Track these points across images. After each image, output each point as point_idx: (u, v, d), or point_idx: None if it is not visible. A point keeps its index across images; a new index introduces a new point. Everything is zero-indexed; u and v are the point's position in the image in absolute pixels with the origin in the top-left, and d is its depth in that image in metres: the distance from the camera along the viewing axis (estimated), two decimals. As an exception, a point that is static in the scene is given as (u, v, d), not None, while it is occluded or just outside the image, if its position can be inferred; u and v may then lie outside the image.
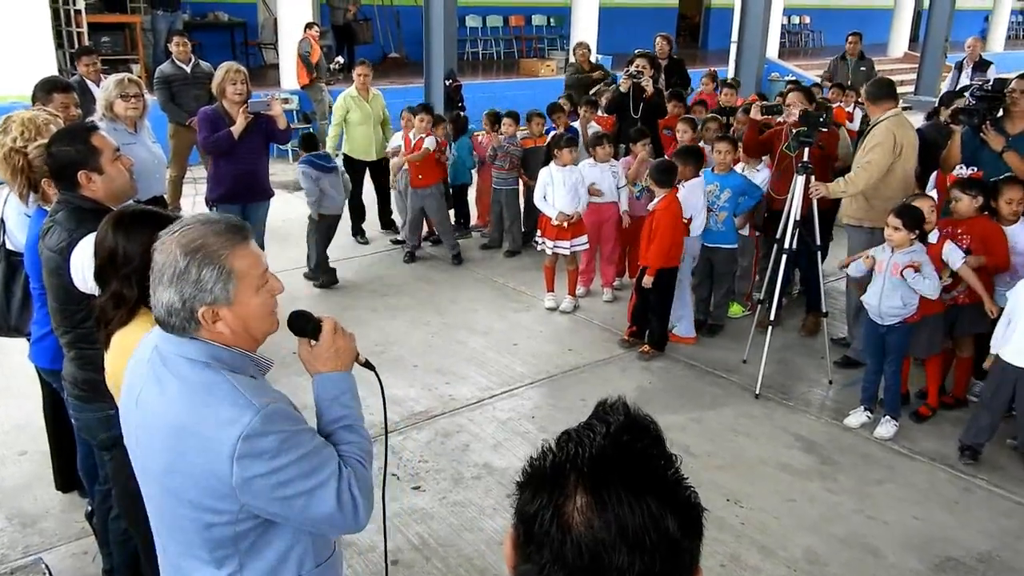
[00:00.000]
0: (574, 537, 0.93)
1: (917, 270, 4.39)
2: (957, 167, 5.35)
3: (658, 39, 9.59)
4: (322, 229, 6.78)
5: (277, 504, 1.66)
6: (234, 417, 1.62)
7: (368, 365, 2.02)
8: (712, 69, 10.16)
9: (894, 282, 4.50)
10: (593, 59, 10.95)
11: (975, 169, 5.20)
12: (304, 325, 1.91)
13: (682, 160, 5.72)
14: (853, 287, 5.46)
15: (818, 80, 11.73)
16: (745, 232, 6.20)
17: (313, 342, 1.90)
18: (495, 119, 7.66)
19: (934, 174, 5.76)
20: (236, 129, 5.60)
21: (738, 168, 6.12)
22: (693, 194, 5.68)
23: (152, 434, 1.72)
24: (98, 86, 6.22)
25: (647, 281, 5.45)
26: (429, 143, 7.07)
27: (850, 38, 10.63)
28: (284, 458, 1.64)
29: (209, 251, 1.68)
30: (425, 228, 7.79)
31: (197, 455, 1.64)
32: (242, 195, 5.79)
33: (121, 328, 2.27)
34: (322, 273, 6.84)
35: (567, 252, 6.31)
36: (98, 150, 2.83)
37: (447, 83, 10.89)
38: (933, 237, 4.69)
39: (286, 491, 1.65)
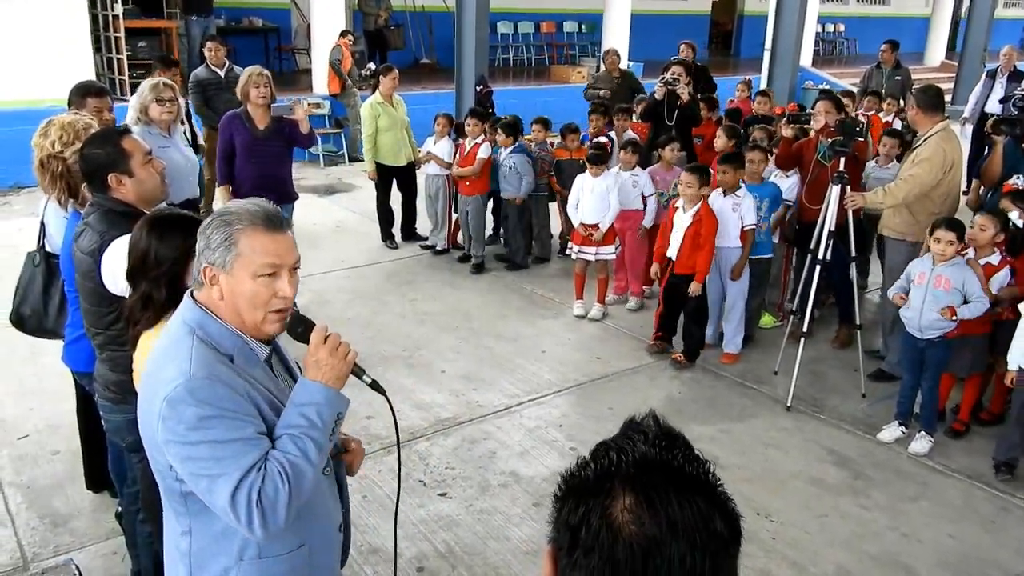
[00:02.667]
0: (625, 537, 0.93)
1: (965, 301, 4.37)
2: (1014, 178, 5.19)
3: (682, 46, 9.56)
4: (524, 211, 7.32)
5: (187, 476, 1.74)
6: (170, 378, 1.74)
7: (376, 387, 1.99)
8: (747, 78, 10.09)
9: (936, 294, 4.42)
10: (623, 66, 10.90)
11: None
12: (295, 327, 1.92)
13: (734, 166, 5.65)
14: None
15: (852, 89, 11.60)
16: (776, 239, 6.13)
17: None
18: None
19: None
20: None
21: (767, 176, 6.06)
22: (717, 203, 5.60)
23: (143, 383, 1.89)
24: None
25: (695, 288, 5.39)
26: (484, 151, 7.13)
27: (884, 47, 10.49)
28: (197, 435, 1.70)
29: (228, 219, 1.83)
30: (445, 231, 7.80)
31: (147, 405, 1.79)
32: (263, 197, 5.77)
33: (148, 329, 2.29)
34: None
35: (591, 259, 6.29)
36: (128, 153, 2.85)
37: (478, 89, 10.92)
38: (995, 258, 4.59)
39: (194, 467, 1.71)
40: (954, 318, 4.36)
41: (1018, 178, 5.19)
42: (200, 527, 1.84)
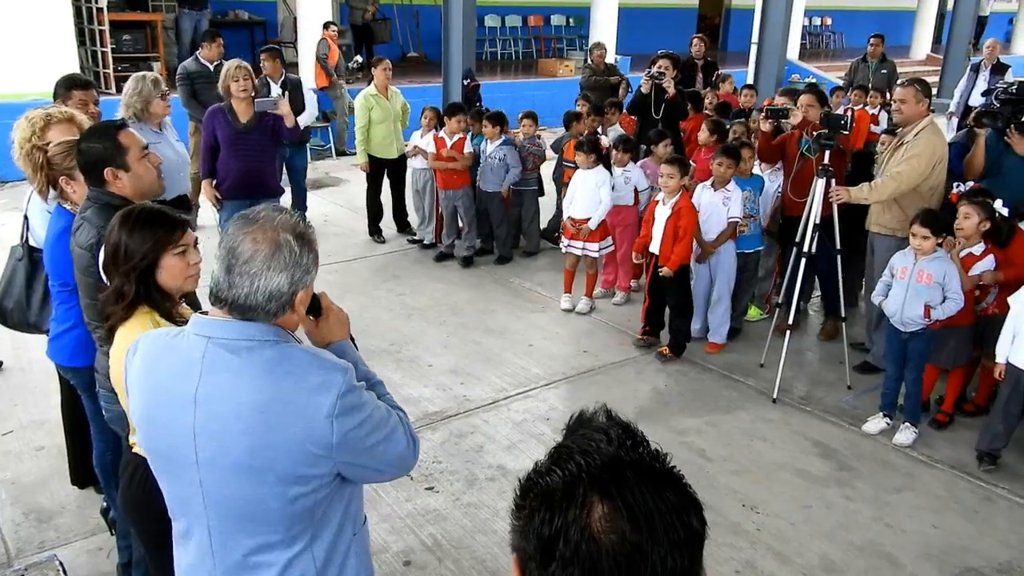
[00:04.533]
0: (606, 548, 0.92)
1: (943, 300, 4.43)
2: None
3: (694, 40, 9.63)
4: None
5: (366, 454, 1.77)
6: (326, 380, 1.70)
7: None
8: (722, 72, 10.06)
9: (918, 289, 4.45)
10: (610, 60, 10.91)
11: None
12: (314, 305, 1.98)
13: (731, 160, 5.65)
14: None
15: (839, 83, 11.64)
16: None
17: (312, 318, 1.96)
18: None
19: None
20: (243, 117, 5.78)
21: (757, 171, 6.08)
22: (702, 196, 5.62)
23: (227, 422, 1.70)
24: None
25: (666, 272, 5.40)
26: (469, 147, 7.14)
27: (872, 40, 10.52)
28: (367, 410, 1.75)
29: (308, 237, 1.76)
30: (432, 225, 7.79)
31: (292, 423, 1.67)
32: (245, 191, 5.77)
33: (122, 324, 2.29)
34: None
35: (578, 253, 6.30)
36: (125, 147, 2.85)
37: (465, 83, 10.89)
38: (978, 248, 4.62)
39: (373, 438, 1.76)
40: (927, 319, 4.43)
41: (958, 186, 5.24)
42: (322, 530, 1.81)
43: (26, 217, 3.56)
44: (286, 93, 7.75)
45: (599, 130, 7.47)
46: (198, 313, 1.82)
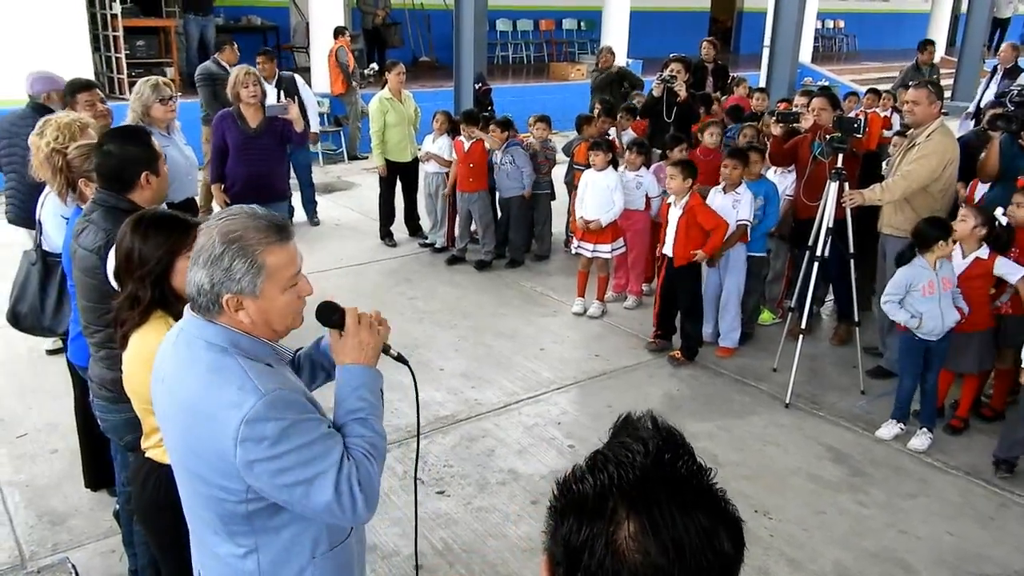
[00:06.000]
0: (630, 566, 0.91)
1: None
2: None
3: (704, 43, 9.59)
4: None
5: (277, 490, 1.70)
6: (239, 401, 1.67)
7: (401, 359, 2.03)
8: (735, 75, 10.04)
9: (946, 296, 4.47)
10: (620, 63, 10.91)
11: None
12: (330, 316, 1.95)
13: (738, 162, 5.66)
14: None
15: (853, 86, 11.57)
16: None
17: (340, 333, 1.94)
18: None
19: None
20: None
21: (769, 174, 6.06)
22: (715, 200, 5.61)
23: (174, 412, 1.80)
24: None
25: (700, 256, 5.43)
26: (490, 143, 7.15)
27: (927, 46, 10.17)
28: (284, 445, 1.67)
29: (245, 244, 1.73)
30: (444, 229, 7.80)
31: (207, 435, 1.71)
32: (254, 195, 5.77)
33: (136, 329, 2.29)
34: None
35: (589, 255, 6.29)
36: (157, 153, 2.90)
37: (476, 87, 10.91)
38: (983, 252, 4.59)
39: (286, 478, 1.68)
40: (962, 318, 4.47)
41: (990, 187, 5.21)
42: (268, 541, 1.81)
43: (40, 222, 3.59)
44: (281, 92, 7.84)
45: (610, 133, 7.48)
46: None
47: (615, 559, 0.91)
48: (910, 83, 6.89)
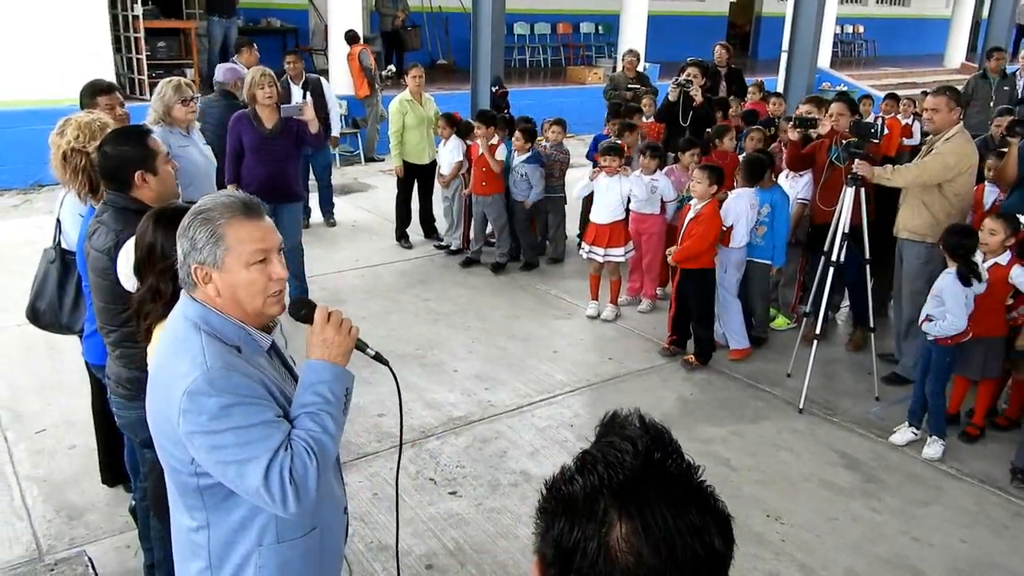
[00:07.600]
0: (622, 568, 0.91)
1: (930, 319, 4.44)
2: None
3: (717, 47, 9.54)
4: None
5: (213, 466, 1.77)
6: (187, 372, 1.76)
7: (380, 358, 2.04)
8: (759, 80, 10.04)
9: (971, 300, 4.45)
10: (641, 68, 10.90)
11: None
12: (299, 310, 1.97)
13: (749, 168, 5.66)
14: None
15: (871, 91, 11.49)
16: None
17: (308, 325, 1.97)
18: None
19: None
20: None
21: (781, 177, 6.04)
22: (738, 203, 5.61)
23: (150, 382, 1.93)
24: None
25: (670, 257, 5.48)
26: (501, 153, 7.16)
27: (996, 55, 9.93)
28: (223, 423, 1.73)
29: (208, 216, 1.84)
30: (460, 231, 7.82)
31: (164, 403, 1.81)
32: (269, 196, 5.80)
33: (160, 322, 2.32)
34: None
35: (600, 259, 6.30)
36: (154, 151, 2.90)
37: (493, 90, 10.93)
38: (1003, 258, 4.55)
39: (221, 455, 1.74)
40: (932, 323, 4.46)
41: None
42: (218, 519, 1.87)
43: (59, 220, 3.63)
44: (307, 95, 7.89)
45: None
46: None
47: (608, 561, 0.92)
48: (976, 99, 6.75)
